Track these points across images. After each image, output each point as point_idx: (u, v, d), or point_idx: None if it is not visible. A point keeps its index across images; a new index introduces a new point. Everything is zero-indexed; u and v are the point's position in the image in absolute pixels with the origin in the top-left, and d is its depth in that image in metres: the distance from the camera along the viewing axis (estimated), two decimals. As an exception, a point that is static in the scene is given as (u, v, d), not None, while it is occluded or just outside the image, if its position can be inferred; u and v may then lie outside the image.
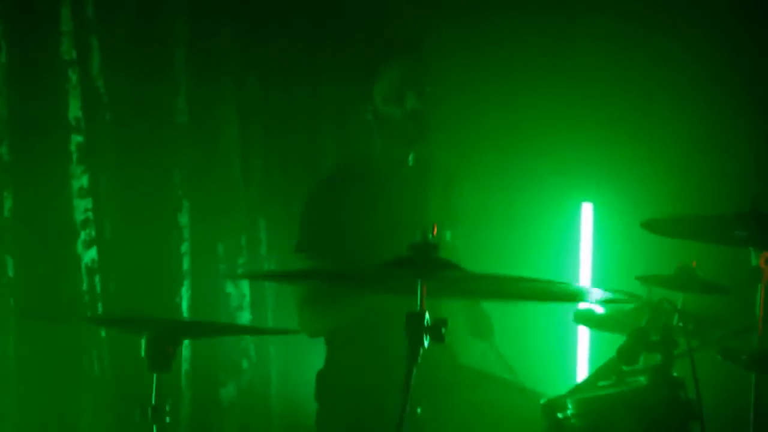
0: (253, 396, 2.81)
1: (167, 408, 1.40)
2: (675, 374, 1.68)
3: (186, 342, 2.61)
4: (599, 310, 2.33)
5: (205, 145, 2.70)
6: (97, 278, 2.41)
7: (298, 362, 2.99)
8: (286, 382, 2.94)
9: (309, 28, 2.88)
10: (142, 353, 1.43)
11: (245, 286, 2.79)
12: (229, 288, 2.77)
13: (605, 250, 2.96)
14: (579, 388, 1.82)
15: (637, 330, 1.68)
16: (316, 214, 2.20)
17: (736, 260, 1.80)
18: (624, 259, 2.84)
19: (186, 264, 2.63)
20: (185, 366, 2.63)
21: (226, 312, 2.76)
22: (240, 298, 2.78)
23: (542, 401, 1.68)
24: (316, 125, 2.96)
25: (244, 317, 2.79)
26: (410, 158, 2.21)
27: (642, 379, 1.69)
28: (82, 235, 2.37)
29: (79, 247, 2.37)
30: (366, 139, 2.21)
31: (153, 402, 1.42)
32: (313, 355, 2.95)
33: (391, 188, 2.19)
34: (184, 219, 2.63)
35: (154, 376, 1.44)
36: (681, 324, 1.84)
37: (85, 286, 2.38)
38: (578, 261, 3.05)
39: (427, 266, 1.21)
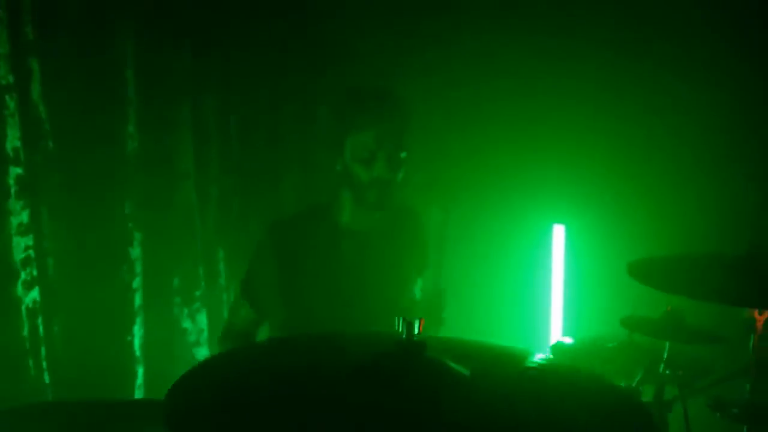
0: None
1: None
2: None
3: (139, 381, 2.46)
4: (569, 341, 2.24)
5: (158, 173, 2.54)
6: (39, 320, 2.24)
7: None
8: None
9: (272, 50, 2.72)
10: None
11: (202, 320, 2.64)
12: (186, 323, 2.61)
13: (579, 275, 2.88)
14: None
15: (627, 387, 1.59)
16: (261, 262, 2.04)
17: (726, 308, 1.71)
18: (599, 283, 2.76)
19: (138, 300, 2.47)
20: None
21: (182, 348, 2.61)
22: (197, 333, 2.63)
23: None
24: (278, 152, 2.81)
25: (201, 353, 2.64)
26: (377, 216, 2.00)
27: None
28: (23, 275, 2.20)
29: (19, 288, 2.19)
30: (333, 186, 2.04)
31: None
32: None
33: (352, 249, 2.02)
34: (135, 252, 2.46)
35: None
36: (668, 372, 1.75)
37: (26, 331, 2.20)
38: (550, 284, 2.97)
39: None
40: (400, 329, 1.02)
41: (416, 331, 1.01)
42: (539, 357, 1.56)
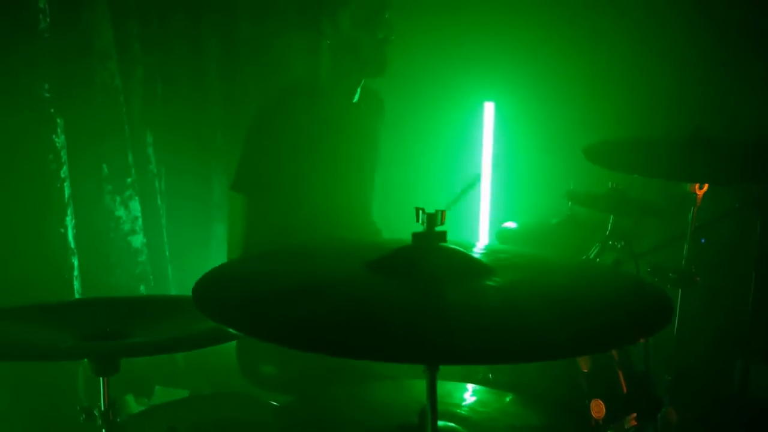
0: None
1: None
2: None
3: (75, 272, 2.39)
4: (512, 225, 2.34)
5: (75, 53, 2.34)
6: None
7: (196, 277, 2.85)
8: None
9: None
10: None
11: (136, 207, 2.55)
12: (119, 211, 2.52)
13: (508, 149, 2.96)
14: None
15: (585, 260, 1.70)
16: (255, 150, 2.00)
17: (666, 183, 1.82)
18: (529, 160, 2.86)
19: (67, 190, 2.35)
20: (77, 297, 2.41)
21: (118, 237, 2.53)
22: (132, 221, 2.55)
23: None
24: (200, 32, 2.64)
25: (137, 240, 2.57)
26: (357, 93, 2.05)
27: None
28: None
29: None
30: (311, 66, 1.98)
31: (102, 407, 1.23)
32: (208, 268, 2.83)
33: (335, 125, 2.02)
34: (60, 140, 2.31)
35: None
36: (611, 242, 1.88)
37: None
38: (480, 160, 3.05)
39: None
40: (420, 221, 1.04)
41: (439, 222, 1.04)
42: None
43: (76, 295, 2.40)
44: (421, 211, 1.06)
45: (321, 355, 0.83)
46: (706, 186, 1.72)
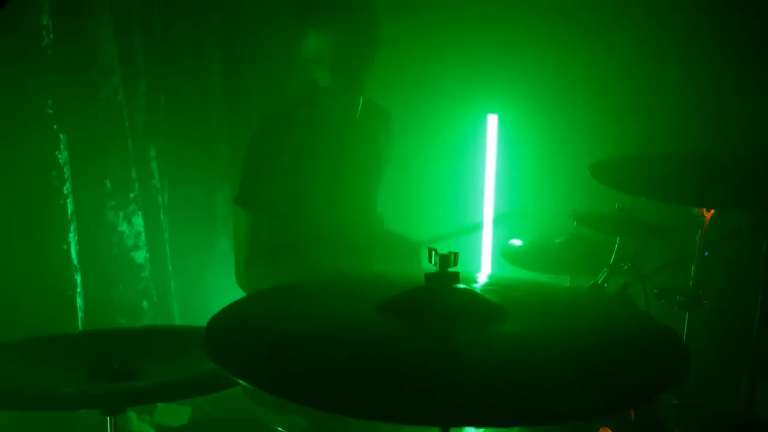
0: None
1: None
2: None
3: (78, 289, 2.38)
4: (518, 243, 2.33)
5: (79, 68, 2.33)
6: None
7: (199, 292, 2.85)
8: (190, 317, 2.81)
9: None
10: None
11: (139, 222, 2.54)
12: (122, 226, 2.51)
13: (512, 163, 2.94)
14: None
15: (594, 285, 1.69)
16: (257, 164, 1.99)
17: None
18: (533, 173, 2.85)
19: (70, 206, 2.33)
20: (80, 314, 2.40)
21: (121, 253, 2.52)
22: (135, 237, 2.54)
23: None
24: (203, 43, 2.63)
25: (140, 256, 2.56)
26: (359, 106, 2.04)
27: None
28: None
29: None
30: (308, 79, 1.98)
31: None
32: (211, 283, 2.83)
33: (337, 138, 2.01)
34: (63, 156, 2.30)
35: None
36: (620, 264, 1.86)
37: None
38: (483, 173, 3.03)
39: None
40: (433, 262, 1.03)
41: (452, 264, 1.02)
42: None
43: (79, 313, 2.39)
44: (433, 252, 1.05)
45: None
46: (713, 210, 1.71)
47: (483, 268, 2.65)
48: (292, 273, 1.97)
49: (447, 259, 1.03)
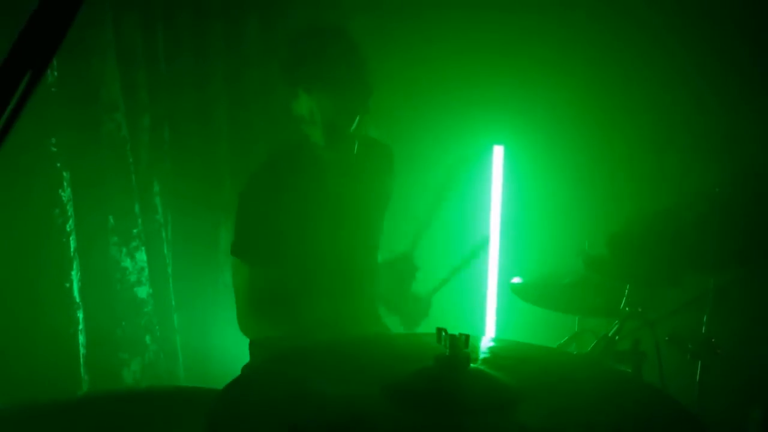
0: (159, 369, 2.62)
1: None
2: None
3: (80, 326, 2.35)
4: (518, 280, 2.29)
5: (82, 104, 2.31)
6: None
7: (202, 325, 2.82)
8: (193, 350, 2.78)
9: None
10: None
11: (142, 257, 2.52)
12: (125, 262, 2.48)
13: (519, 195, 2.91)
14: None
15: (604, 338, 1.65)
16: (249, 216, 1.95)
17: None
18: (539, 206, 2.82)
19: (73, 243, 2.31)
20: (82, 351, 2.37)
21: (124, 289, 2.49)
22: (138, 272, 2.52)
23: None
24: (207, 77, 2.62)
25: (143, 291, 2.53)
26: (355, 145, 2.00)
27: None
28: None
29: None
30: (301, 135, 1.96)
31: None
32: (215, 316, 2.80)
33: (333, 179, 1.97)
34: (66, 194, 2.28)
35: None
36: (628, 309, 1.83)
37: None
38: (489, 204, 3.00)
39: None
40: (442, 342, 0.99)
41: (463, 346, 0.99)
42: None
43: (81, 350, 2.36)
44: (443, 332, 1.01)
45: None
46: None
47: (489, 312, 2.62)
48: (291, 322, 1.94)
49: (458, 342, 0.99)
